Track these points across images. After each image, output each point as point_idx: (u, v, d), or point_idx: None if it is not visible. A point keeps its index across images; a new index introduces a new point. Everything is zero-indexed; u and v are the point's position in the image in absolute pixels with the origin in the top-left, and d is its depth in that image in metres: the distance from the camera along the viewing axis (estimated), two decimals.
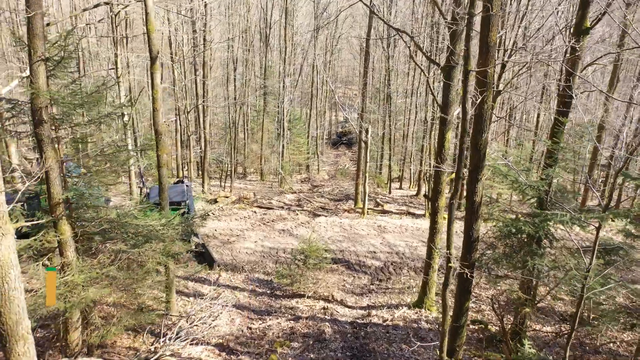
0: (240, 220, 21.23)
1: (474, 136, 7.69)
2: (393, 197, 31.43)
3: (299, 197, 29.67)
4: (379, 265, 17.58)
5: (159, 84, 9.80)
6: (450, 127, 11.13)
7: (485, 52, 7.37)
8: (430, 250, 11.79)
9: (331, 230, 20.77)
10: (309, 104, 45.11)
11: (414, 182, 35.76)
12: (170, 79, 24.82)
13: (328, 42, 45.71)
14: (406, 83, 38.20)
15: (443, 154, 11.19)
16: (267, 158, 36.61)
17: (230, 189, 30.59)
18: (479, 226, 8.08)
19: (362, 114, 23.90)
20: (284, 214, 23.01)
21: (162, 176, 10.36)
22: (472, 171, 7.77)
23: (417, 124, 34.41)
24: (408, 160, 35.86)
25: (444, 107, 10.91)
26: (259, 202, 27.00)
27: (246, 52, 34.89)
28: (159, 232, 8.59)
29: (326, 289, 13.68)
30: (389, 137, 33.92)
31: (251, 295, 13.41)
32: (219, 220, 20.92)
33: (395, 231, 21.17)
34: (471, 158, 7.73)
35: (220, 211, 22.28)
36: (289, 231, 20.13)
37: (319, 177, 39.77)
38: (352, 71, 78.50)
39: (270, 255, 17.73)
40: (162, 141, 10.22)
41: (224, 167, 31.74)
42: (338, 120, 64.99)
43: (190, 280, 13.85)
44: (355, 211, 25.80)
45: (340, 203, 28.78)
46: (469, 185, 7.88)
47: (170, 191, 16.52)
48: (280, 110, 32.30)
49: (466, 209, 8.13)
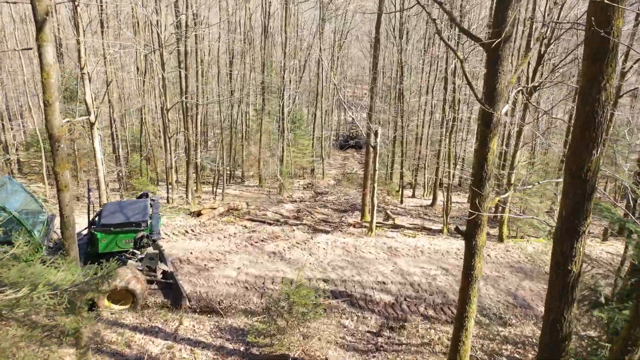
0: (224, 239, 17.86)
1: (576, 155, 4.29)
2: (405, 208, 27.90)
3: (299, 207, 26.27)
4: (389, 300, 14.11)
5: (50, 62, 6.44)
6: (497, 132, 7.61)
7: None
8: (465, 305, 8.30)
9: (332, 253, 17.31)
10: (314, 103, 41.68)
11: (428, 190, 32.17)
12: (154, 71, 21.72)
13: (336, 37, 42.12)
14: (420, 80, 34.61)
15: (485, 171, 7.69)
16: (267, 161, 33.28)
17: (222, 197, 27.30)
18: (572, 314, 4.62)
19: (371, 114, 20.38)
20: (277, 231, 19.59)
21: (63, 205, 6.98)
22: (568, 218, 4.35)
23: (433, 126, 30.83)
24: (422, 166, 32.28)
25: (488, 102, 7.42)
26: (252, 213, 23.64)
27: (243, 44, 31.64)
28: (38, 302, 5.28)
29: (319, 347, 10.26)
30: (401, 139, 30.36)
31: (217, 356, 10.03)
32: (198, 239, 17.56)
33: (409, 254, 17.65)
34: (568, 195, 4.32)
35: (202, 227, 18.93)
36: (281, 254, 16.71)
37: (323, 182, 36.33)
38: (362, 70, 74.98)
39: (255, 287, 14.35)
40: (60, 151, 6.83)
41: (217, 172, 28.47)
42: (346, 121, 61.43)
43: (138, 331, 10.53)
44: (362, 226, 22.33)
45: (345, 215, 25.33)
46: (559, 243, 4.46)
47: (128, 209, 13.22)
48: (281, 109, 28.96)
49: (550, 282, 4.71)
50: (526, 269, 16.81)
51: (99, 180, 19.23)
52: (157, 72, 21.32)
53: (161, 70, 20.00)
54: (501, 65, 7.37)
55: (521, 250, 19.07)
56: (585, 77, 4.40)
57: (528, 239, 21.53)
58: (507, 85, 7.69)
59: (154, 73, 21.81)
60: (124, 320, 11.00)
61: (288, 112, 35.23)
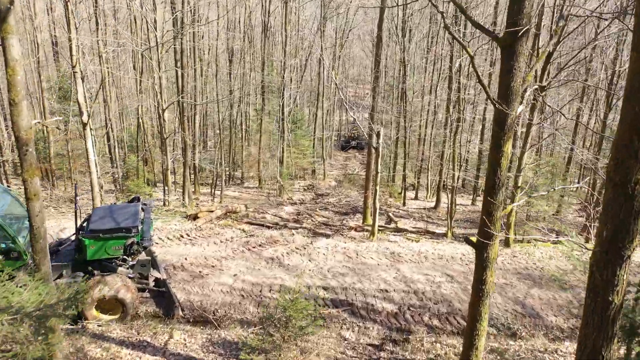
0: (220, 244, 17.22)
1: (621, 164, 3.64)
2: (408, 211, 27.24)
3: (299, 209, 25.63)
4: (392, 309, 13.47)
5: (16, 57, 5.74)
6: (511, 134, 6.97)
7: None
8: (475, 322, 7.65)
9: (332, 258, 16.67)
10: (315, 103, 41.04)
11: (431, 192, 31.51)
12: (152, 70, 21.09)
13: (337, 36, 41.38)
14: (423, 80, 33.96)
15: (499, 177, 7.04)
16: (267, 162, 32.63)
17: (221, 199, 26.68)
18: (611, 352, 3.95)
19: (373, 114, 19.71)
20: (275, 235, 18.95)
21: (33, 215, 6.31)
22: (610, 240, 3.68)
23: (436, 127, 30.17)
24: (425, 167, 31.61)
25: (503, 101, 6.78)
26: (251, 216, 23.02)
27: (242, 42, 31.05)
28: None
29: None
30: (404, 140, 29.68)
31: None
32: (194, 244, 16.93)
33: (413, 260, 17.00)
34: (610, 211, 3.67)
35: (198, 231, 18.28)
36: (279, 260, 16.08)
37: (324, 184, 35.68)
38: (364, 69, 74.24)
39: (251, 295, 13.72)
40: (29, 156, 6.16)
41: (215, 174, 27.85)
42: (348, 121, 60.78)
43: (125, 345, 9.89)
44: (363, 229, 21.69)
45: (347, 218, 24.69)
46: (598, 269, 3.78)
47: (118, 214, 12.59)
48: (281, 109, 28.33)
49: (586, 310, 4.07)
50: (534, 275, 16.15)
51: (92, 182, 18.64)
52: (154, 70, 20.72)
53: (157, 69, 19.38)
54: (517, 61, 6.72)
55: (529, 256, 18.42)
56: (632, 71, 3.75)
57: (535, 243, 20.86)
58: (522, 84, 7.04)
59: (152, 72, 21.22)
60: (111, 334, 10.38)
61: (289, 112, 34.61)
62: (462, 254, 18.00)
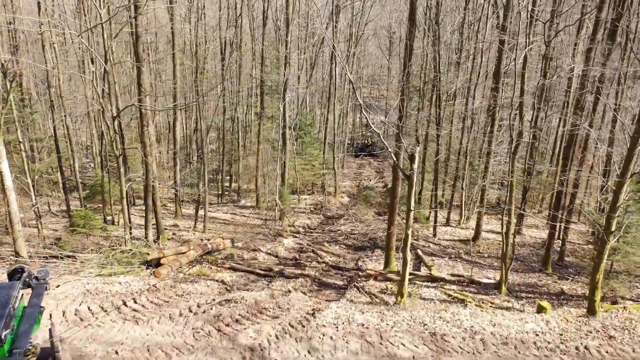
0: (178, 319, 11.67)
1: None
2: (440, 244, 21.51)
3: (302, 243, 20.06)
4: None
5: None
6: None
7: None
8: None
9: (344, 347, 11.06)
10: (326, 105, 35.38)
11: (465, 216, 25.71)
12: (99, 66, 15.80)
13: (352, 30, 35.50)
14: (457, 79, 28.10)
15: None
16: (268, 175, 27.09)
17: (204, 226, 21.26)
18: None
19: (403, 126, 13.92)
20: (263, 298, 13.34)
21: None
22: None
23: (474, 137, 24.36)
24: (458, 186, 25.79)
25: None
26: (237, 257, 17.55)
27: (239, 35, 25.70)
28: None
29: None
30: (436, 152, 23.90)
31: None
32: (137, 320, 11.38)
33: (464, 349, 11.31)
34: None
35: (151, 294, 12.76)
36: (262, 352, 10.50)
37: (335, 201, 30.06)
38: (380, 69, 68.23)
39: None
40: None
41: (198, 198, 22.39)
42: (362, 123, 54.96)
43: None
44: (386, 278, 16.12)
45: (363, 256, 19.09)
46: None
47: None
48: (282, 113, 22.88)
49: None
50: None
51: (11, 217, 13.45)
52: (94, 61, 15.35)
53: (102, 62, 13.98)
54: None
55: (631, 332, 12.62)
56: None
57: (624, 303, 15.05)
58: None
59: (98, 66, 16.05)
60: None
61: (294, 116, 29.11)
62: (535, 332, 12.28)
